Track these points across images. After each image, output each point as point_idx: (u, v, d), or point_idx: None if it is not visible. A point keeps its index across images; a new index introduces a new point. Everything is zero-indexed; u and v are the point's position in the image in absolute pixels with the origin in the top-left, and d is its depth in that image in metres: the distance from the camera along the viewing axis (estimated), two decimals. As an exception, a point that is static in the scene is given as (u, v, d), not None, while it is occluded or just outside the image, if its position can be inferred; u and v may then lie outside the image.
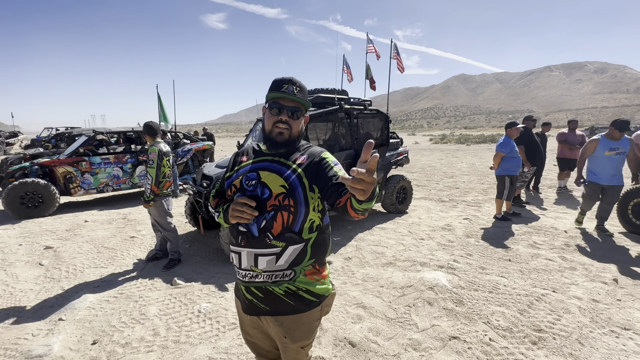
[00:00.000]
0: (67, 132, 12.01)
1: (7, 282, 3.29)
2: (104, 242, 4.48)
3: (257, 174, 1.22)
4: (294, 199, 1.17)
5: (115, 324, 2.55)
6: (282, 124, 1.21)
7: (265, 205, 1.17)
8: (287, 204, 1.17)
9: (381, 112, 5.37)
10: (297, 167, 1.22)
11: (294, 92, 1.20)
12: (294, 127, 1.24)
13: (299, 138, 1.29)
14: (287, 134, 1.23)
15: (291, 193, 1.17)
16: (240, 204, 1.15)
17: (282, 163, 1.23)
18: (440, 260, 3.74)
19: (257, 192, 1.19)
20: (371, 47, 6.23)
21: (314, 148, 1.29)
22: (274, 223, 1.16)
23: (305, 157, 1.24)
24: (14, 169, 6.02)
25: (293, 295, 1.22)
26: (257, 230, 1.17)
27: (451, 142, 29.04)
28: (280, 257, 1.18)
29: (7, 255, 4.04)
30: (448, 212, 5.91)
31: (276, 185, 1.18)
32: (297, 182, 1.19)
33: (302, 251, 1.21)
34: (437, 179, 9.71)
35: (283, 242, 1.17)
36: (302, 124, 1.29)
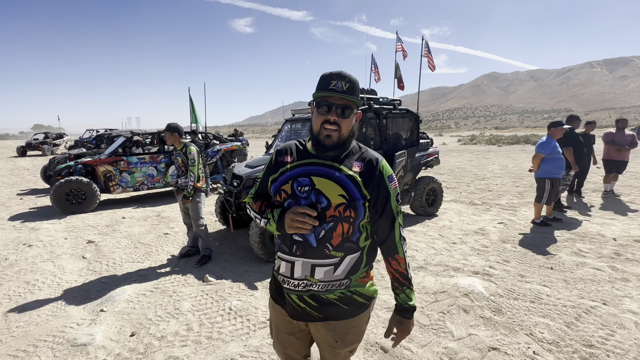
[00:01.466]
0: (106, 134, 12.76)
1: (55, 273, 3.51)
2: (140, 238, 4.69)
3: (309, 180, 1.13)
4: (355, 210, 1.11)
5: (151, 317, 2.65)
6: (331, 124, 1.12)
7: (324, 215, 1.10)
8: (347, 215, 1.11)
9: (411, 111, 5.23)
10: (355, 174, 1.13)
11: (343, 88, 1.10)
12: (343, 127, 1.14)
13: (350, 138, 1.19)
14: (335, 136, 1.13)
15: (352, 204, 1.11)
16: (300, 214, 1.07)
17: (337, 169, 1.14)
18: (474, 265, 3.57)
19: (311, 201, 1.11)
20: (400, 45, 6.10)
21: (370, 153, 1.20)
22: (334, 234, 1.11)
23: (362, 165, 1.16)
24: (61, 167, 6.47)
25: (347, 299, 1.19)
26: (315, 241, 1.11)
27: (481, 143, 27.88)
28: (339, 267, 1.14)
29: (54, 247, 4.32)
30: (481, 216, 5.65)
31: (334, 195, 1.10)
32: (357, 192, 1.12)
33: (359, 259, 1.18)
34: (468, 180, 9.34)
35: (342, 252, 1.14)
36: (353, 122, 1.18)
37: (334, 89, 1.10)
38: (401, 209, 1.19)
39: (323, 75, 1.15)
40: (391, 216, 1.16)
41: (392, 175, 1.19)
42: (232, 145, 8.83)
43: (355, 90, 1.14)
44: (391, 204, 1.16)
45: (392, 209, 1.16)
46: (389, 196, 1.15)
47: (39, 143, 21.45)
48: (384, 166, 1.18)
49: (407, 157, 4.96)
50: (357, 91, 1.15)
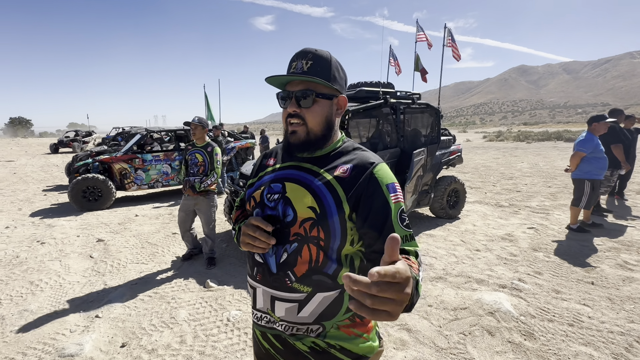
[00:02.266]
0: (126, 131, 13.08)
1: (60, 273, 3.47)
2: (149, 237, 4.63)
3: (282, 186, 0.90)
4: (325, 228, 0.83)
5: (145, 326, 2.50)
6: (293, 117, 0.88)
7: (287, 233, 0.85)
8: (315, 235, 0.83)
9: (431, 106, 4.85)
10: (335, 180, 0.86)
11: (303, 68, 0.85)
12: (309, 119, 0.88)
13: (329, 134, 0.92)
14: (302, 132, 0.88)
15: (322, 220, 0.83)
16: (252, 227, 0.84)
17: (314, 172, 0.89)
18: (501, 278, 3.19)
19: (278, 211, 0.87)
20: (422, 35, 5.66)
21: (363, 154, 0.91)
22: (298, 259, 0.84)
23: (348, 168, 0.87)
24: (79, 165, 6.58)
25: (322, 354, 0.88)
26: (275, 265, 0.86)
27: (508, 139, 26.55)
28: (304, 307, 0.86)
29: (65, 245, 4.33)
30: (508, 219, 5.18)
31: (302, 206, 0.84)
32: (333, 204, 0.83)
33: (336, 301, 0.87)
34: (494, 180, 8.75)
35: (309, 286, 0.85)
36: (328, 111, 0.90)
37: (293, 72, 0.87)
38: (412, 235, 0.84)
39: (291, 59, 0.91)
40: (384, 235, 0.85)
41: (393, 184, 0.86)
42: (246, 142, 8.73)
43: (322, 67, 0.86)
44: (392, 223, 0.81)
45: (392, 228, 0.82)
46: (388, 213, 0.82)
47: (70, 140, 22.50)
48: (381, 171, 0.86)
49: (427, 155, 4.59)
50: (328, 69, 0.87)
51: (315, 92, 0.86)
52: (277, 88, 0.93)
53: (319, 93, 0.87)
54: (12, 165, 13.43)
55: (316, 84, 0.87)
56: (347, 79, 0.98)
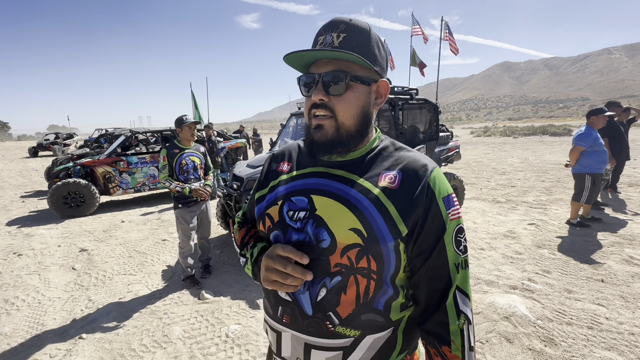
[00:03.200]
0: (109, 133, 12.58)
1: (39, 289, 3.18)
2: (136, 245, 4.35)
3: (308, 200, 0.70)
4: (377, 257, 0.65)
5: (135, 347, 2.27)
6: (319, 108, 0.67)
7: (326, 263, 0.66)
8: (364, 266, 0.65)
9: (430, 101, 4.72)
10: (383, 193, 0.67)
11: (334, 42, 0.65)
12: (340, 111, 0.67)
13: (365, 129, 0.71)
14: (330, 127, 0.68)
15: (372, 246, 0.64)
16: (280, 260, 0.65)
17: (350, 181, 0.69)
18: (510, 278, 3.08)
19: (308, 235, 0.68)
20: (417, 29, 5.52)
21: (411, 156, 0.71)
22: (342, 296, 0.66)
23: (396, 176, 0.68)
24: (59, 169, 6.19)
25: None
26: (310, 306, 0.67)
27: (495, 134, 26.92)
28: (351, 355, 0.67)
29: (45, 257, 4.02)
30: (507, 216, 5.12)
31: (343, 228, 0.65)
32: (383, 224, 0.64)
33: (389, 342, 0.70)
34: (487, 175, 8.75)
35: (357, 329, 0.67)
36: (365, 100, 0.69)
37: (321, 48, 0.66)
38: (466, 261, 0.69)
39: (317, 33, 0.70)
40: (443, 272, 0.67)
41: (450, 196, 0.69)
42: (236, 142, 8.46)
43: (359, 42, 0.66)
44: (445, 248, 0.66)
45: (447, 259, 0.66)
46: (442, 232, 0.66)
47: (50, 143, 21.61)
48: (437, 179, 0.68)
49: (426, 152, 4.46)
50: (367, 44, 0.67)
51: (349, 74, 0.65)
52: (298, 71, 0.73)
53: (354, 76, 0.66)
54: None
55: (351, 64, 0.66)
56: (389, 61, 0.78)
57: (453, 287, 0.67)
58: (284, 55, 0.67)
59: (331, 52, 0.63)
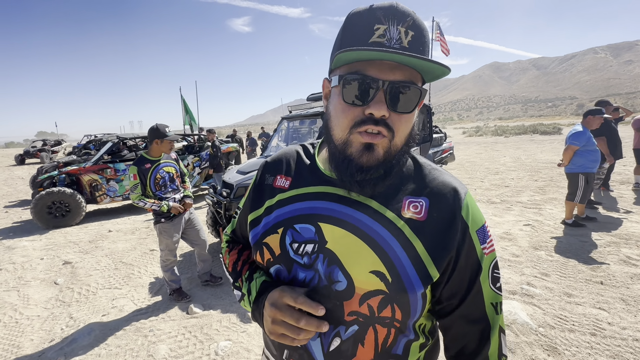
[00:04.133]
0: (98, 139, 12.31)
1: (17, 307, 3.01)
2: (123, 256, 4.19)
3: (315, 229, 0.58)
4: (404, 305, 0.55)
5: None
6: (379, 125, 0.52)
7: (340, 309, 0.56)
8: (387, 315, 0.55)
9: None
10: (408, 227, 0.55)
11: (402, 41, 0.50)
12: (399, 130, 0.53)
13: (408, 148, 0.58)
14: (383, 148, 0.54)
15: (398, 293, 0.54)
16: (291, 313, 0.54)
17: (371, 209, 0.57)
18: (509, 282, 3.01)
19: (318, 274, 0.57)
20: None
21: (439, 177, 0.60)
22: (359, 347, 0.57)
23: (423, 205, 0.57)
24: (43, 178, 5.98)
25: None
26: (322, 355, 0.58)
27: (487, 134, 27.19)
28: None
29: (26, 271, 3.83)
30: (502, 217, 5.07)
31: (363, 269, 0.55)
32: (411, 267, 0.54)
33: None
34: (481, 175, 8.75)
35: None
36: (415, 116, 0.57)
37: (383, 42, 0.50)
38: (501, 301, 0.61)
39: (355, 13, 0.54)
40: (480, 315, 0.58)
41: (484, 226, 0.59)
42: (228, 147, 8.32)
43: (424, 44, 0.53)
44: (482, 289, 0.57)
45: (484, 300, 0.58)
46: (477, 272, 0.57)
47: (37, 150, 21.13)
48: (470, 207, 0.58)
49: (420, 153, 4.40)
50: (428, 47, 0.54)
51: (419, 88, 0.52)
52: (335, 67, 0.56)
53: (422, 91, 0.53)
54: (-30, 180, 12.36)
55: (417, 75, 0.53)
56: None
57: (495, 332, 0.59)
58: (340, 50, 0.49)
59: (414, 57, 0.47)
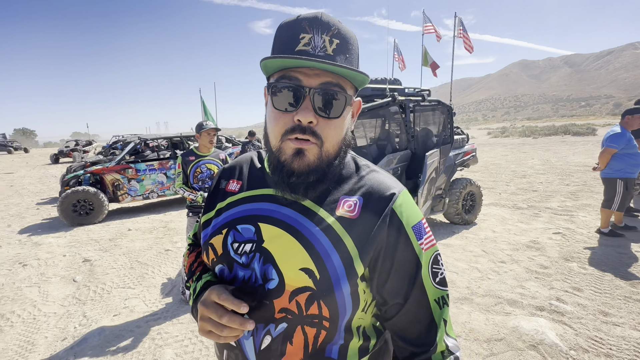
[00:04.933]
0: (124, 140, 12.79)
1: (36, 303, 3.10)
2: (139, 255, 4.25)
3: (255, 229, 0.60)
4: (330, 303, 0.55)
5: (123, 373, 2.12)
6: (305, 133, 0.53)
7: (271, 307, 0.57)
8: (314, 313, 0.55)
9: (443, 103, 4.45)
10: (339, 224, 0.57)
11: (326, 48, 0.52)
12: (327, 136, 0.54)
13: (342, 154, 0.59)
14: (313, 155, 0.54)
15: (325, 291, 0.54)
16: (216, 309, 0.54)
17: (307, 209, 0.58)
18: (536, 297, 2.77)
19: (254, 273, 0.58)
20: (429, 26, 5.24)
21: (374, 178, 0.61)
22: (288, 346, 0.57)
23: (356, 203, 0.58)
24: (69, 177, 6.24)
25: None
26: (254, 354, 0.59)
27: (514, 135, 26.04)
28: None
29: (48, 267, 3.97)
30: (530, 224, 4.76)
31: (292, 267, 0.56)
32: (340, 264, 0.55)
33: None
34: (506, 179, 8.32)
35: None
36: (349, 122, 0.59)
37: (308, 50, 0.51)
38: (447, 297, 0.60)
39: (284, 24, 0.56)
40: (425, 314, 0.57)
41: (420, 223, 0.59)
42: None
43: (350, 52, 0.55)
44: (424, 285, 0.57)
45: (428, 299, 0.57)
46: (416, 269, 0.57)
47: (70, 150, 22.31)
48: (404, 206, 0.59)
49: (440, 156, 4.19)
50: (355, 55, 0.56)
51: (347, 94, 0.54)
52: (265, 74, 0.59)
53: (350, 96, 0.55)
54: (10, 178, 13.18)
55: (344, 81, 0.54)
56: None
57: (442, 328, 0.57)
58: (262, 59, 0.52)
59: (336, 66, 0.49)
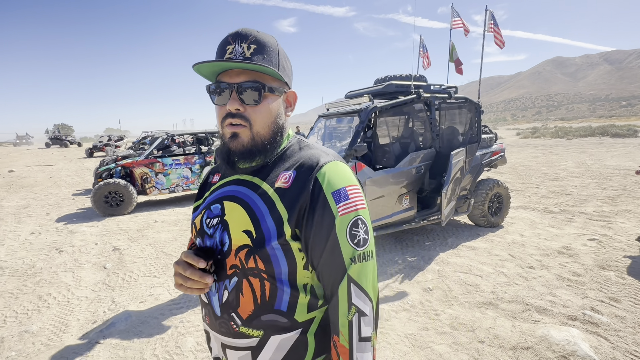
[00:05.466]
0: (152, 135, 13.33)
1: (70, 287, 3.29)
2: (165, 246, 4.42)
3: (221, 207, 0.74)
4: (263, 257, 0.66)
5: (147, 357, 2.20)
6: (235, 118, 0.68)
7: (224, 266, 0.70)
8: (252, 266, 0.67)
9: (470, 100, 4.29)
10: (276, 193, 0.69)
11: (245, 53, 0.67)
12: (256, 120, 0.69)
13: (280, 138, 0.73)
14: (246, 136, 0.69)
15: (258, 246, 0.66)
16: (182, 265, 0.68)
17: (256, 186, 0.72)
18: (568, 305, 2.62)
19: (215, 241, 0.72)
20: (458, 21, 5.06)
21: (310, 153, 0.73)
22: (240, 297, 0.68)
23: (290, 175, 0.70)
24: (102, 170, 6.58)
25: None
26: (218, 307, 0.71)
27: (545, 136, 24.77)
28: (260, 355, 0.69)
29: (82, 254, 4.20)
30: (562, 229, 4.50)
31: (238, 229, 0.68)
32: (272, 225, 0.67)
33: (299, 344, 0.70)
34: (537, 181, 7.93)
35: (259, 329, 0.68)
36: (278, 110, 0.72)
37: (231, 57, 0.68)
38: (366, 254, 0.67)
39: (221, 41, 0.71)
40: (339, 267, 0.66)
41: (343, 188, 0.67)
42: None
43: (269, 54, 0.69)
44: (339, 243, 0.65)
45: (342, 254, 0.65)
46: (331, 228, 0.65)
47: (103, 145, 23.55)
48: (328, 172, 0.68)
49: (466, 155, 4.04)
50: (276, 57, 0.70)
51: (265, 85, 0.68)
52: (206, 79, 0.73)
53: (269, 87, 0.69)
54: (50, 170, 14.09)
55: (263, 76, 0.69)
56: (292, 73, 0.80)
57: (345, 279, 0.65)
58: (193, 64, 0.67)
59: (249, 64, 0.65)
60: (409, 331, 2.40)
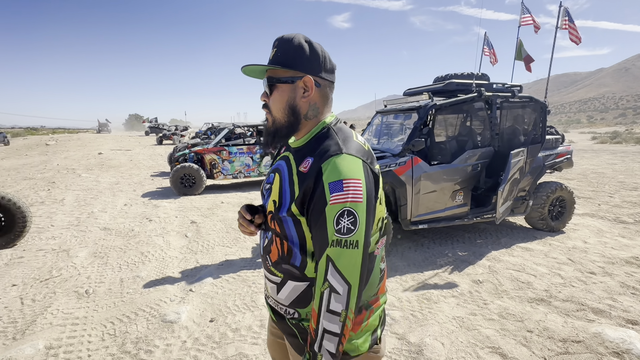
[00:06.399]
0: (215, 126, 14.57)
1: (163, 248, 3.99)
2: (232, 223, 5.03)
3: (273, 176, 0.94)
4: (279, 223, 0.86)
5: (230, 306, 2.69)
6: (264, 107, 0.91)
7: (267, 221, 0.93)
8: (274, 228, 0.88)
9: (535, 99, 4.18)
10: (297, 176, 0.84)
11: (270, 57, 0.88)
12: (272, 108, 0.89)
13: (295, 120, 0.87)
14: (270, 121, 0.91)
15: (277, 214, 0.86)
16: (239, 214, 0.95)
17: (291, 165, 0.89)
18: (629, 311, 2.57)
19: (265, 202, 0.95)
20: (527, 17, 4.87)
21: (328, 143, 0.83)
22: (272, 247, 0.91)
23: (310, 162, 0.83)
24: (178, 155, 7.52)
25: (304, 334, 0.89)
26: (262, 248, 0.97)
27: (628, 142, 21.78)
28: (281, 290, 0.91)
29: (167, 224, 4.98)
30: (634, 239, 4.20)
31: (272, 197, 0.89)
32: (288, 200, 0.84)
33: (306, 292, 0.88)
34: (610, 190, 7.24)
35: (281, 273, 0.90)
36: (289, 96, 0.86)
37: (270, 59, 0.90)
38: (346, 242, 0.75)
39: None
40: (322, 242, 0.78)
41: (339, 182, 0.75)
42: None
43: (283, 52, 0.84)
44: (326, 224, 0.76)
45: (326, 233, 0.76)
46: (322, 212, 0.76)
47: (171, 134, 26.15)
48: (332, 163, 0.77)
49: (527, 156, 3.98)
50: (287, 52, 0.84)
51: (274, 78, 0.86)
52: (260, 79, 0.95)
53: (277, 79, 0.85)
54: (129, 154, 16.17)
55: (276, 71, 0.86)
56: (326, 57, 0.88)
57: (324, 256, 0.77)
58: (242, 67, 0.87)
59: (270, 65, 0.85)
60: (457, 314, 2.58)
